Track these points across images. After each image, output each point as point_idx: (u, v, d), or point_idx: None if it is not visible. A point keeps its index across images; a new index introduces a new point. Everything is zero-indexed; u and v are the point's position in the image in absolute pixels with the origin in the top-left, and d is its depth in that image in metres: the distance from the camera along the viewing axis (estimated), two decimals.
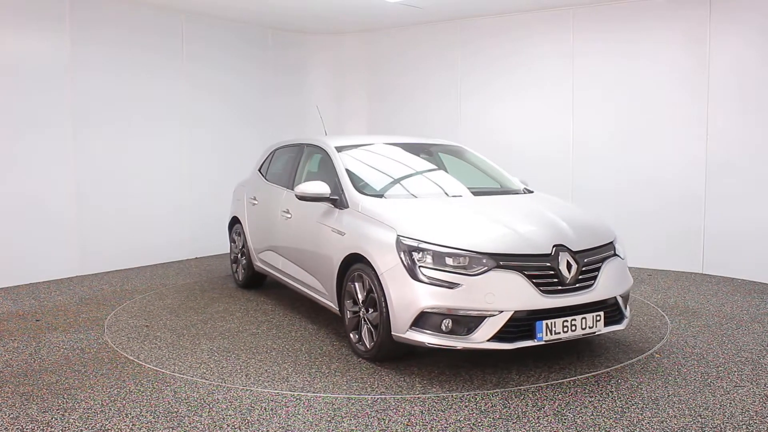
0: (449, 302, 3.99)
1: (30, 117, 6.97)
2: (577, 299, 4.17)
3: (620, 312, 4.47)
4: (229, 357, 4.64)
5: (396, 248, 4.21)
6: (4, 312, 5.89)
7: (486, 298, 3.97)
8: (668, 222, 7.60)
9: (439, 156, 5.90)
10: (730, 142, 7.16)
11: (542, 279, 4.10)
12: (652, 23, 7.57)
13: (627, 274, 4.63)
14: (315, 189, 5.04)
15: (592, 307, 4.24)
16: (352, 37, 9.98)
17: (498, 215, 4.59)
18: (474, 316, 3.98)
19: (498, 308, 3.97)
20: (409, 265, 4.12)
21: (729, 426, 3.49)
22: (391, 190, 5.11)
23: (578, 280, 4.21)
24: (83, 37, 7.35)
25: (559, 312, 4.11)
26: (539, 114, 8.40)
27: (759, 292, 6.52)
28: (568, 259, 4.19)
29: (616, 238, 4.69)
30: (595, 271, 4.31)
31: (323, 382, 4.14)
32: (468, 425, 3.51)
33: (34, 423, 3.56)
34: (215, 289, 6.80)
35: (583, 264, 4.25)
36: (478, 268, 4.03)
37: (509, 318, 3.97)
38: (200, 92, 8.61)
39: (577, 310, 4.17)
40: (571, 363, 4.46)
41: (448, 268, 4.05)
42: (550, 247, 4.20)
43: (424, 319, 4.06)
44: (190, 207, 8.56)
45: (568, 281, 4.16)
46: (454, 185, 5.39)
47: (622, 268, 4.57)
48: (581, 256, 4.27)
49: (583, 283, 4.23)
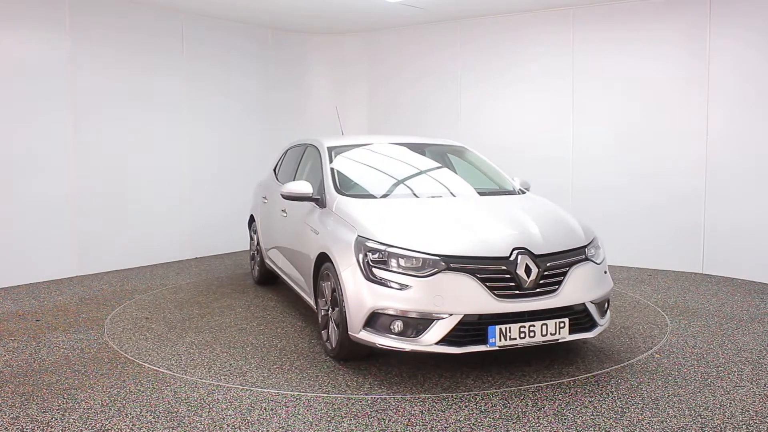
0: (398, 303, 3.96)
1: (30, 117, 6.97)
2: (536, 304, 4.02)
3: (591, 319, 4.28)
4: (204, 350, 4.68)
5: (354, 248, 4.21)
6: (4, 312, 5.89)
7: (434, 300, 3.91)
8: (668, 222, 7.60)
9: (438, 156, 5.85)
10: (730, 142, 7.16)
11: (497, 282, 3.99)
12: (652, 23, 7.57)
13: (603, 280, 4.43)
14: (298, 188, 5.10)
15: (556, 313, 4.08)
16: (352, 37, 9.98)
17: (466, 217, 4.52)
18: (423, 318, 3.93)
19: (447, 311, 3.90)
20: (364, 265, 4.12)
21: (729, 426, 3.49)
22: (371, 190, 5.10)
23: (539, 284, 4.07)
24: (83, 37, 7.35)
25: (517, 317, 3.99)
26: (539, 114, 8.40)
27: (759, 292, 6.52)
28: (527, 262, 4.05)
29: (593, 243, 4.51)
30: (560, 276, 4.15)
31: (277, 378, 4.18)
32: (468, 425, 3.51)
33: (34, 423, 3.56)
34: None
35: (544, 268, 4.10)
36: (428, 270, 3.99)
37: (458, 321, 3.90)
38: (200, 92, 8.61)
39: (538, 315, 4.03)
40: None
41: (399, 270, 4.03)
42: (508, 250, 4.07)
43: (375, 320, 4.05)
44: (190, 207, 8.57)
45: (526, 285, 4.02)
46: (437, 186, 5.29)
47: (596, 274, 4.37)
48: (544, 260, 4.12)
49: (546, 288, 4.09)
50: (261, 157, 9.43)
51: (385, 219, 4.41)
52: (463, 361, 4.42)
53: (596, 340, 4.93)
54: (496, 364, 4.42)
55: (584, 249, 4.39)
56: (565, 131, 8.23)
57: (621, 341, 4.95)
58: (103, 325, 5.49)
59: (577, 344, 4.85)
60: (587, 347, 4.79)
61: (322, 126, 9.91)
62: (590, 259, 4.38)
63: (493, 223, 4.44)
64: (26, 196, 6.96)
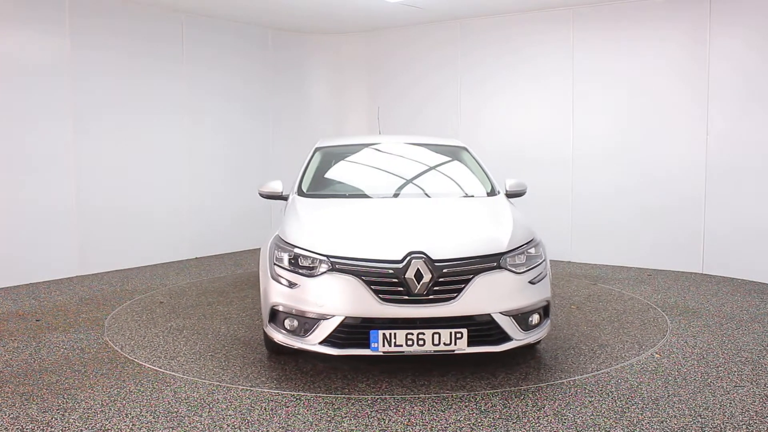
0: (288, 301, 4.05)
1: (30, 117, 6.97)
2: (427, 311, 3.87)
3: (501, 332, 3.99)
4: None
5: (270, 246, 4.36)
6: (4, 312, 5.89)
7: (318, 300, 3.95)
8: (668, 222, 7.60)
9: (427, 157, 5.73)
10: (731, 142, 7.16)
11: (383, 286, 3.89)
12: (652, 23, 7.57)
13: (523, 291, 4.08)
14: (269, 187, 5.22)
15: (454, 322, 3.89)
16: (352, 37, 9.97)
17: (384, 219, 4.52)
18: (310, 317, 3.97)
19: (329, 312, 3.91)
20: (271, 263, 4.25)
21: (729, 426, 3.49)
22: (331, 190, 5.23)
23: (434, 291, 3.90)
24: (83, 38, 7.35)
25: (407, 323, 3.87)
26: (539, 114, 8.40)
27: (759, 292, 6.52)
28: (420, 267, 3.89)
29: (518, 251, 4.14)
30: (462, 284, 3.93)
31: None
32: (468, 425, 3.51)
33: (34, 423, 3.56)
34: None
35: (440, 274, 3.91)
36: (315, 270, 4.03)
37: (340, 323, 3.89)
38: (200, 92, 8.61)
39: (433, 323, 3.88)
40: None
41: (293, 268, 4.11)
42: (402, 254, 3.93)
43: (275, 316, 4.17)
44: (190, 207, 8.56)
45: (416, 291, 3.87)
46: (391, 188, 5.14)
47: (513, 284, 4.05)
48: (441, 266, 3.92)
49: (442, 295, 3.91)
50: (261, 157, 9.45)
51: (307, 220, 4.48)
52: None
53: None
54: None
55: (499, 257, 4.06)
56: (565, 131, 8.23)
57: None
58: (103, 325, 5.48)
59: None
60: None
61: (322, 126, 9.92)
62: (506, 268, 4.05)
63: (403, 226, 4.40)
64: (26, 197, 6.96)
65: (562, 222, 8.31)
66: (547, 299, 4.26)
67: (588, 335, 5.11)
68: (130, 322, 5.58)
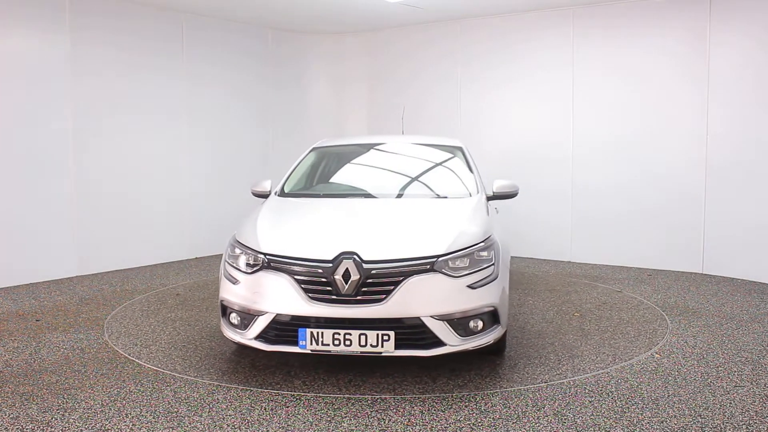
0: (230, 296, 4.21)
1: (30, 117, 6.97)
2: (353, 312, 3.85)
3: (432, 336, 3.89)
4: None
5: (228, 243, 4.48)
6: (4, 312, 5.89)
7: (253, 296, 4.07)
8: (668, 221, 7.60)
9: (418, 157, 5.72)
10: (731, 142, 7.16)
11: (313, 285, 3.93)
12: (652, 22, 7.57)
13: (460, 295, 3.96)
14: (261, 186, 5.31)
15: (382, 324, 3.85)
16: (352, 37, 9.97)
17: (331, 219, 4.68)
18: (248, 313, 4.08)
19: (262, 308, 4.02)
20: (224, 259, 4.43)
21: (729, 426, 3.49)
22: (309, 189, 5.36)
23: (362, 292, 3.88)
24: (83, 38, 7.35)
25: (336, 323, 3.88)
26: (539, 113, 8.40)
27: (759, 292, 6.52)
28: (349, 267, 3.90)
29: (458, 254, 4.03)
30: (391, 286, 3.88)
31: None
32: (468, 425, 3.51)
33: (34, 423, 3.56)
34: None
35: (368, 275, 3.89)
36: (253, 267, 4.14)
37: (271, 320, 3.98)
38: (200, 92, 8.61)
39: (360, 324, 3.86)
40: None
41: (236, 264, 4.25)
42: (333, 254, 3.95)
43: (224, 311, 4.31)
44: (190, 207, 8.56)
45: (344, 291, 3.87)
46: (365, 187, 5.22)
47: (448, 288, 3.94)
48: (370, 267, 3.90)
49: (370, 296, 3.88)
50: (261, 157, 9.45)
51: (262, 219, 4.59)
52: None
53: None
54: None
55: (434, 260, 3.96)
56: (564, 130, 8.23)
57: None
58: (103, 325, 5.48)
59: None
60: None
61: (322, 126, 9.92)
62: (441, 272, 3.95)
63: (344, 226, 4.51)
64: (26, 196, 6.96)
65: (561, 221, 8.31)
66: (492, 305, 4.06)
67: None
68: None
